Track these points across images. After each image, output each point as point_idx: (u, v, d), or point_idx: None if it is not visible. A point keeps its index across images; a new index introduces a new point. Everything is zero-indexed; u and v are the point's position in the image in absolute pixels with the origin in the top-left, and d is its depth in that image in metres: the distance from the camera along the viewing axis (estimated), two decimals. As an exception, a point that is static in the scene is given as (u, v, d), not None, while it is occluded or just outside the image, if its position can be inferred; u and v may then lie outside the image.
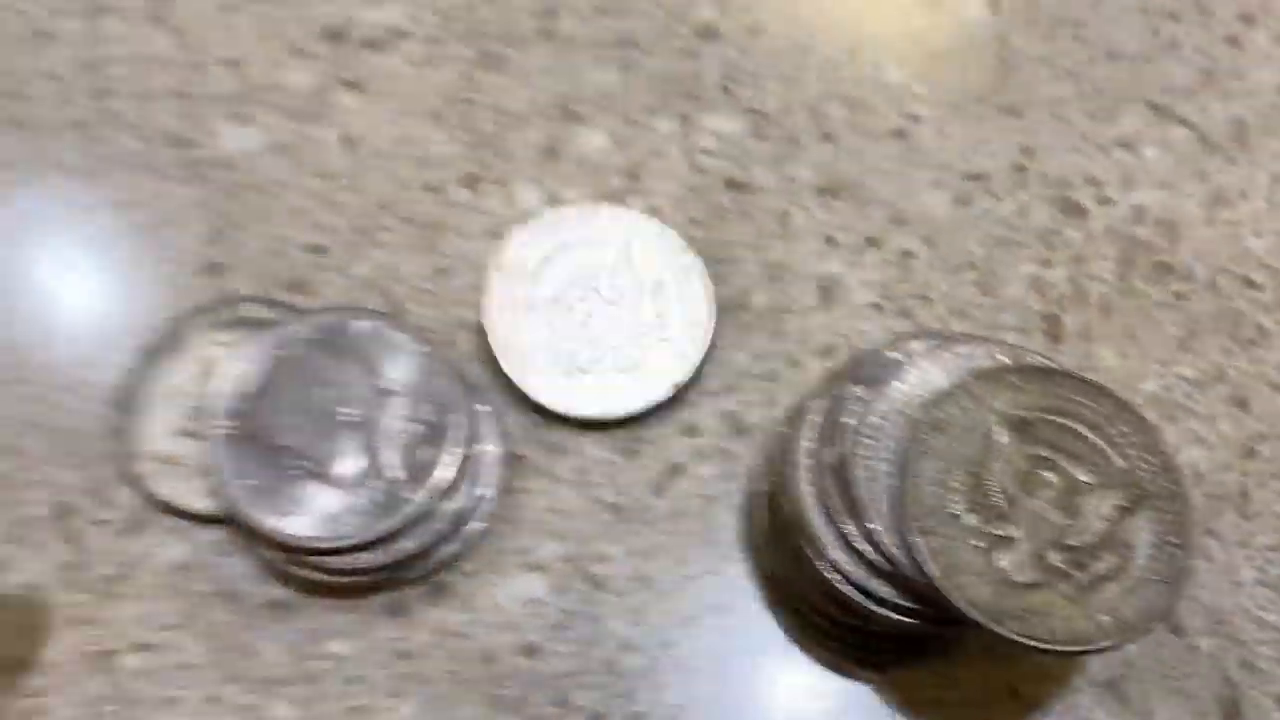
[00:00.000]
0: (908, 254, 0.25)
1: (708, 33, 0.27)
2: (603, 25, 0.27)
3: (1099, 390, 0.19)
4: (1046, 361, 0.20)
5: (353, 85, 0.26)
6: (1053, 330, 0.24)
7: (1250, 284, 0.25)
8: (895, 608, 0.19)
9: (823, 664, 0.22)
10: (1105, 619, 0.18)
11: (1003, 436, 0.19)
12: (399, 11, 0.27)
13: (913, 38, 0.27)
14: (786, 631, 0.22)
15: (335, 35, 0.27)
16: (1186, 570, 0.19)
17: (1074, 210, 0.26)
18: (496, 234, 0.25)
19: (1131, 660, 0.22)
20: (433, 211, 0.25)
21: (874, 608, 0.20)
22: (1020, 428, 0.19)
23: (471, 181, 0.25)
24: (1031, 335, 0.24)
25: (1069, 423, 0.19)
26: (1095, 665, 0.22)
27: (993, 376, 0.19)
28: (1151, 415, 0.24)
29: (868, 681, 0.22)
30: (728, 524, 0.23)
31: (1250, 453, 0.24)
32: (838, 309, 0.24)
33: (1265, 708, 0.22)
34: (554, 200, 0.25)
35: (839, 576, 0.20)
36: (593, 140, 0.26)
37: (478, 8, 0.27)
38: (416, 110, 0.26)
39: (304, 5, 0.27)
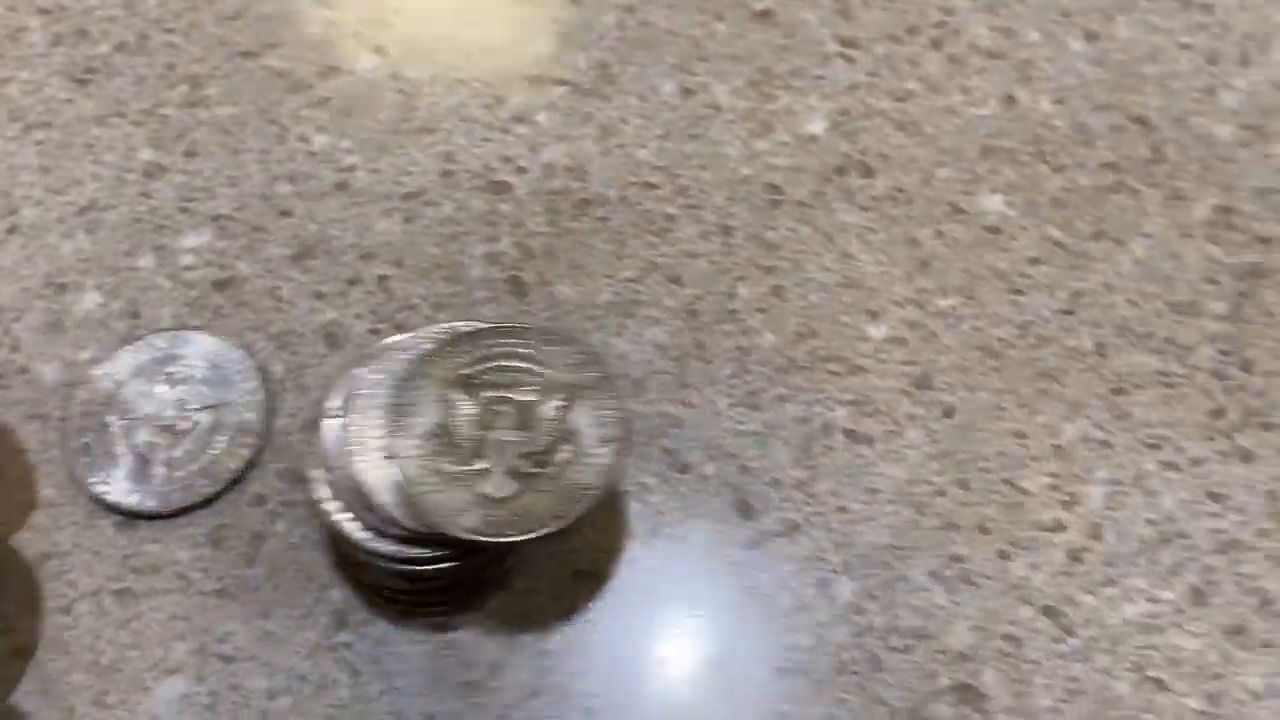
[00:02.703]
0: (384, 279, 0.29)
1: (153, 170, 0.31)
2: (61, 201, 0.30)
3: (514, 328, 0.24)
4: (470, 325, 0.25)
5: None
6: (517, 289, 0.29)
7: (650, 186, 0.31)
8: (440, 560, 0.24)
9: (435, 628, 0.26)
10: (578, 490, 0.23)
11: (455, 395, 0.24)
12: None
13: (325, 103, 0.31)
14: (396, 619, 0.26)
15: None
16: (627, 428, 0.24)
17: (500, 189, 0.31)
18: (35, 411, 0.27)
19: (662, 509, 0.27)
20: (-34, 416, 0.27)
21: (428, 569, 0.24)
22: (466, 383, 0.24)
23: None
24: (503, 300, 0.29)
25: (503, 362, 0.24)
26: (639, 525, 0.27)
27: (431, 355, 0.24)
28: (615, 316, 0.29)
29: (473, 624, 0.26)
30: (318, 559, 0.26)
31: (693, 313, 0.29)
32: (343, 348, 0.28)
33: (761, 493, 0.27)
34: (72, 366, 0.28)
35: (389, 562, 0.24)
36: (87, 300, 0.29)
37: (-63, 231, 0.30)
38: (-85, 343, 0.28)
39: None
